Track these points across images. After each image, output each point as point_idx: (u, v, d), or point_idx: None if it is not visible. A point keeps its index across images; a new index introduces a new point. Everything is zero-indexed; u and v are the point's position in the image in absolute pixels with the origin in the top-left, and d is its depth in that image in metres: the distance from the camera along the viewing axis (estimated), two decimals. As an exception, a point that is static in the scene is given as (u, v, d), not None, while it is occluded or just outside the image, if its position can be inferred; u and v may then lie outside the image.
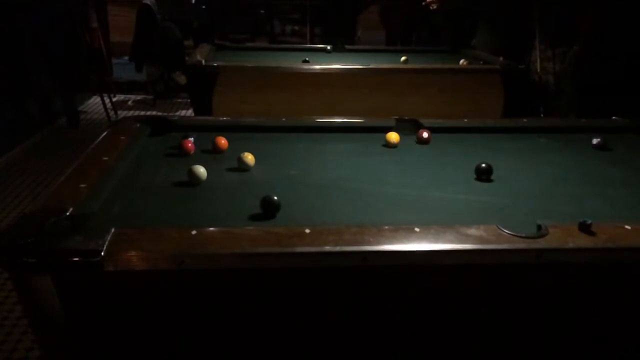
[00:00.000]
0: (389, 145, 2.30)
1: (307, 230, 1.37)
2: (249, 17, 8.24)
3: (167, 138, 2.29)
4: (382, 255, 1.34)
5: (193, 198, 1.74)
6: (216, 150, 2.14)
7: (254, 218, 1.60)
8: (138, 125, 2.28)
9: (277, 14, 8.36)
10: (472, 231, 1.41)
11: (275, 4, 8.33)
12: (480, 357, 1.57)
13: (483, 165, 1.97)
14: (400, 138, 2.32)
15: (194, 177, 1.82)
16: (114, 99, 6.33)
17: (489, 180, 1.95)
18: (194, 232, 1.34)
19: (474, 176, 1.97)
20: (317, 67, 3.74)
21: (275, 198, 1.58)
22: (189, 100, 6.20)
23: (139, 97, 6.81)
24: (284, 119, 2.50)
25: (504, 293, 1.46)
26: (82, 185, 1.62)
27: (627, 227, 1.46)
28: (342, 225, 1.43)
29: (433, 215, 1.65)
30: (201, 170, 1.83)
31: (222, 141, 2.15)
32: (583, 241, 1.40)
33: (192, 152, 2.12)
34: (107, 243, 1.27)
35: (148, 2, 6.31)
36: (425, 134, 2.38)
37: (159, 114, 5.85)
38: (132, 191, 1.77)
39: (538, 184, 1.94)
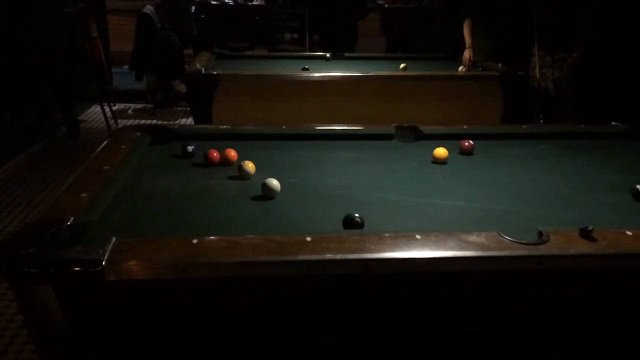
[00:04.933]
0: (437, 161, 2.20)
1: (309, 239, 1.37)
2: (248, 26, 8.26)
3: (167, 147, 2.29)
4: (384, 262, 1.34)
5: (194, 207, 1.74)
6: (226, 162, 2.11)
7: (255, 226, 1.60)
8: (138, 134, 2.28)
9: (276, 21, 8.38)
10: (473, 238, 1.41)
11: (274, 12, 8.36)
12: (483, 364, 1.57)
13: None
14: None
15: (269, 191, 1.80)
16: (114, 108, 6.33)
17: None
18: (195, 241, 1.34)
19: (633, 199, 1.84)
20: (317, 74, 3.75)
21: (357, 215, 1.57)
22: (189, 109, 6.21)
23: (139, 106, 6.81)
24: (283, 127, 2.51)
25: (505, 300, 1.46)
26: (83, 195, 1.62)
27: (628, 232, 1.46)
28: (343, 233, 1.43)
29: (434, 222, 1.66)
30: (274, 183, 1.81)
31: (232, 153, 2.12)
32: (584, 247, 1.40)
33: (217, 161, 2.10)
34: (108, 252, 1.27)
35: (148, 12, 6.32)
36: (467, 144, 2.31)
37: (159, 122, 5.86)
38: (132, 200, 1.77)
39: (538, 191, 1.94)
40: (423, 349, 1.51)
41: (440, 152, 2.20)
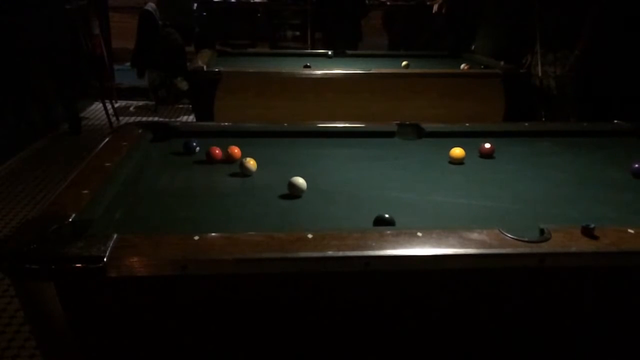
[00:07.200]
0: (453, 161, 2.15)
1: (310, 236, 1.37)
2: (250, 23, 8.25)
3: (169, 144, 2.29)
4: (385, 259, 1.34)
5: (195, 204, 1.74)
6: (229, 159, 2.10)
7: (257, 223, 1.60)
8: (140, 131, 2.28)
9: (278, 19, 8.37)
10: (475, 235, 1.41)
11: (276, 9, 8.35)
12: (484, 361, 1.57)
13: None
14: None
15: (295, 189, 1.79)
16: (116, 105, 6.33)
17: None
18: (196, 238, 1.34)
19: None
20: (319, 72, 3.75)
21: (387, 216, 1.57)
22: (190, 106, 6.21)
23: (140, 103, 6.81)
24: (285, 124, 2.50)
25: (506, 297, 1.46)
26: (85, 192, 1.62)
27: (630, 231, 1.46)
28: (344, 230, 1.43)
29: (435, 219, 1.66)
30: (300, 181, 1.80)
31: (236, 150, 2.11)
32: (586, 245, 1.40)
33: (219, 158, 2.10)
34: (109, 249, 1.27)
35: (149, 9, 6.32)
36: (487, 145, 2.24)
37: (161, 119, 5.86)
38: (134, 197, 1.77)
39: (540, 188, 1.94)
40: (424, 346, 1.51)
41: (457, 152, 2.16)
